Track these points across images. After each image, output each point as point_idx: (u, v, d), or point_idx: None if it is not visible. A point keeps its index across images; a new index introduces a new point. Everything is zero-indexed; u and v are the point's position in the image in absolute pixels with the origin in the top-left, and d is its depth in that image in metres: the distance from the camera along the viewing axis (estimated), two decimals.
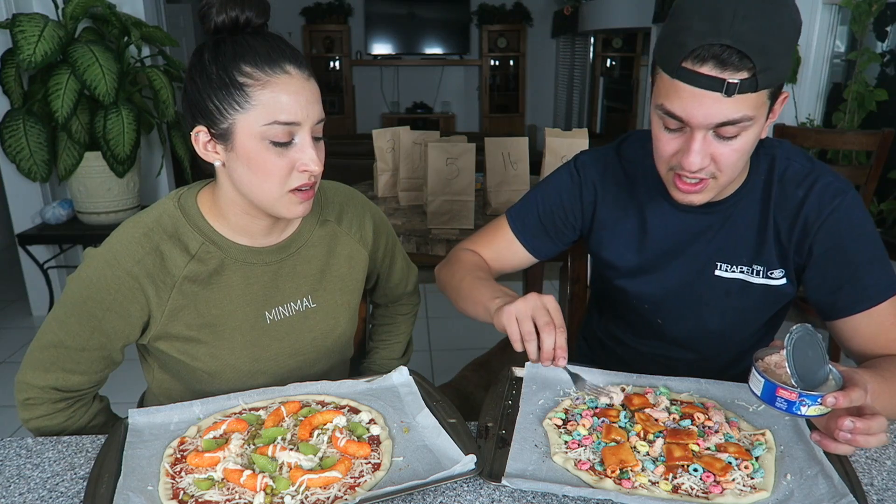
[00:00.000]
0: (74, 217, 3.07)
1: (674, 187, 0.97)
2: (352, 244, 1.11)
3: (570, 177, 1.16)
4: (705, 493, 0.78)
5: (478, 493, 0.80)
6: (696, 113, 0.86)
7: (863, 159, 3.00)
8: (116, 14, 2.89)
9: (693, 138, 0.89)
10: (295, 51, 0.90)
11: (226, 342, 1.00)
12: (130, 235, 0.95)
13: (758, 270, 1.05)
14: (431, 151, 1.91)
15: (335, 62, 7.61)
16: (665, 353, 1.20)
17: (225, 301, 0.99)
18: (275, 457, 0.82)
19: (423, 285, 1.41)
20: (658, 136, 0.94)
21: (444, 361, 2.87)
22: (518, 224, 1.19)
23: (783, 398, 0.77)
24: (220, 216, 0.99)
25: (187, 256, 0.96)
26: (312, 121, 0.90)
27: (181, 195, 1.00)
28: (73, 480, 0.83)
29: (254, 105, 0.86)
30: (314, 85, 0.91)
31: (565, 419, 0.93)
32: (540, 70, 7.86)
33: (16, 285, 3.49)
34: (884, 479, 0.83)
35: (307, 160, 0.89)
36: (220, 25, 0.87)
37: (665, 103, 0.89)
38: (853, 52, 3.11)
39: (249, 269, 1.00)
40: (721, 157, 0.90)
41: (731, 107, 0.84)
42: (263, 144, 0.88)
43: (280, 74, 0.86)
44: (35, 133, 2.78)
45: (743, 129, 0.88)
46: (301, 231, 1.06)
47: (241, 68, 0.86)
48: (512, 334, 0.89)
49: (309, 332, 1.07)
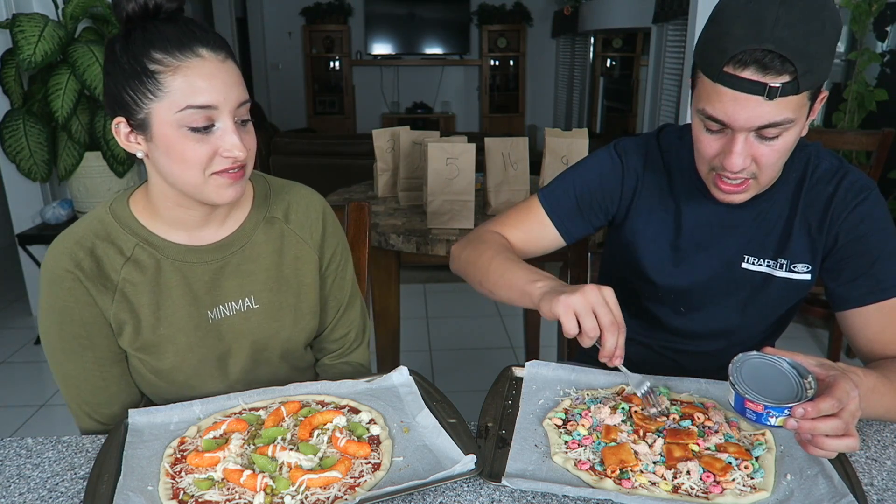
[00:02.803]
0: (74, 217, 3.07)
1: (715, 187, 0.99)
2: (300, 245, 1.06)
3: (610, 160, 1.14)
4: (705, 493, 0.78)
5: (478, 493, 0.80)
6: (738, 117, 0.87)
7: (863, 159, 3.00)
8: None
9: (735, 140, 0.90)
10: (210, 33, 0.87)
11: (170, 343, 0.98)
12: (63, 247, 0.94)
13: (782, 264, 1.07)
14: (431, 151, 1.91)
15: (335, 62, 7.61)
16: (673, 346, 1.20)
17: (167, 302, 0.97)
18: (275, 457, 0.82)
19: (422, 285, 1.40)
20: (699, 137, 0.95)
21: (444, 361, 2.88)
22: (552, 204, 1.15)
23: (751, 409, 0.76)
24: (155, 215, 0.97)
25: (122, 258, 0.95)
26: (232, 104, 0.86)
27: (112, 201, 0.99)
28: (73, 480, 0.83)
29: (167, 92, 0.84)
30: (231, 66, 0.88)
31: (565, 419, 0.93)
32: (540, 70, 7.86)
33: (16, 285, 3.49)
34: (884, 479, 0.83)
35: (229, 145, 0.87)
36: (130, 14, 0.85)
37: (707, 108, 0.90)
38: (853, 52, 3.11)
39: (188, 267, 0.98)
40: (762, 157, 0.91)
41: (772, 110, 0.86)
42: (181, 132, 0.85)
43: (191, 58, 0.84)
44: (35, 133, 2.79)
45: (784, 131, 0.89)
46: (244, 228, 1.02)
47: (151, 55, 0.84)
48: (568, 327, 0.86)
49: (250, 333, 1.03)
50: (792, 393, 0.77)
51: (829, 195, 1.03)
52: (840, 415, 0.73)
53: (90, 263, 0.93)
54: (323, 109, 7.66)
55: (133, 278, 0.95)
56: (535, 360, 1.06)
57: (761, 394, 0.76)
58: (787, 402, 0.75)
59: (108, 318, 0.95)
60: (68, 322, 0.94)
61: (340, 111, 7.67)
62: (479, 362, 2.86)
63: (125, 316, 0.96)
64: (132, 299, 0.96)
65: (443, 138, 2.07)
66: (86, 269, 0.93)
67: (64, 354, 0.96)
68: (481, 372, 2.68)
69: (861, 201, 1.01)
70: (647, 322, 1.21)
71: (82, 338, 0.94)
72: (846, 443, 0.74)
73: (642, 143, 1.14)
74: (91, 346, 0.95)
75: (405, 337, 2.30)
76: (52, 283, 0.93)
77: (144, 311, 0.96)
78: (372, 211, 2.10)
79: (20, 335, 3.11)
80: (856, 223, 1.01)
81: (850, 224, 1.02)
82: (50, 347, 0.96)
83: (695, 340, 1.18)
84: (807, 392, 0.76)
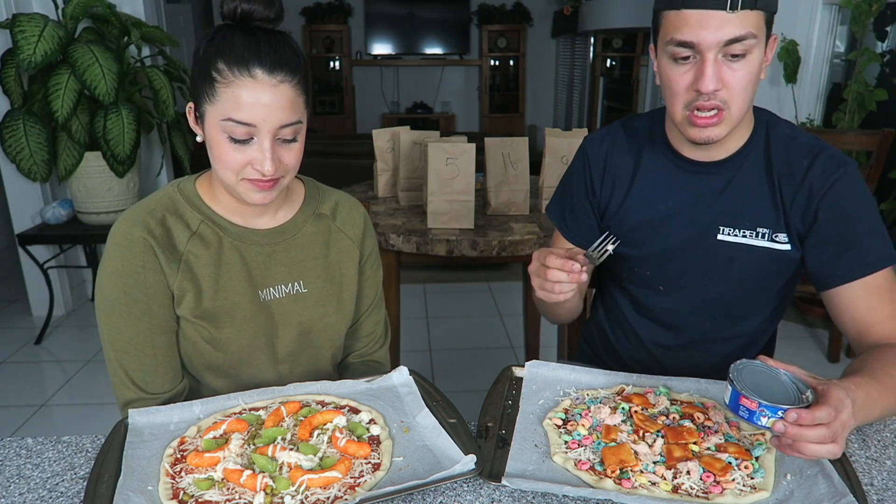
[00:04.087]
0: (74, 217, 3.07)
1: (692, 127, 1.01)
2: (344, 240, 1.15)
3: (580, 158, 1.22)
4: (705, 493, 0.78)
5: (478, 493, 0.80)
6: (705, 34, 0.94)
7: (863, 159, 3.00)
8: (116, 14, 2.89)
9: (705, 61, 0.96)
10: (273, 53, 0.91)
11: (227, 315, 1.04)
12: (136, 215, 1.01)
13: (762, 234, 1.08)
14: (431, 151, 1.91)
15: (335, 62, 7.60)
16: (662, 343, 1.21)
17: (225, 276, 1.04)
18: (275, 457, 0.82)
19: (422, 285, 1.41)
20: (671, 76, 1.00)
21: (444, 361, 2.88)
22: (564, 228, 1.25)
23: (745, 406, 0.77)
24: (217, 198, 1.06)
25: (189, 232, 1.03)
26: (273, 125, 0.92)
27: (181, 181, 1.08)
28: (73, 480, 0.84)
29: (218, 100, 0.92)
30: (285, 89, 0.92)
31: (565, 419, 0.93)
32: (540, 70, 7.86)
33: (16, 285, 3.49)
34: (884, 479, 0.83)
35: (260, 161, 0.94)
36: (225, 14, 0.93)
37: (676, 35, 0.97)
38: (853, 52, 3.11)
39: (245, 248, 1.06)
40: (731, 81, 0.97)
41: (736, 23, 0.93)
42: (223, 137, 0.93)
43: (244, 77, 0.90)
44: (35, 133, 2.78)
45: (748, 50, 0.95)
46: (296, 220, 1.11)
47: (215, 63, 0.91)
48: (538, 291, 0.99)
49: (298, 315, 1.10)
50: (788, 399, 0.77)
51: (805, 168, 1.05)
52: (830, 424, 0.73)
53: (161, 232, 1.01)
54: (323, 109, 7.66)
55: (197, 251, 1.03)
56: (535, 360, 1.06)
57: (758, 394, 0.76)
58: (783, 404, 0.75)
59: (171, 286, 1.01)
60: (132, 286, 0.99)
61: (340, 111, 7.67)
62: (479, 362, 2.86)
63: (187, 285, 1.02)
64: (195, 270, 1.02)
65: (443, 138, 2.07)
66: (157, 236, 1.00)
67: (120, 318, 1.00)
68: (481, 372, 2.69)
69: (840, 177, 1.03)
70: (638, 305, 1.21)
71: (141, 302, 0.99)
72: (828, 448, 0.74)
73: (606, 132, 1.21)
74: (148, 311, 1.00)
75: (405, 337, 2.30)
76: (122, 247, 0.99)
77: (206, 281, 1.03)
78: (372, 211, 2.10)
79: (20, 335, 3.11)
80: (836, 198, 1.03)
81: (830, 200, 1.03)
82: (106, 311, 1.00)
83: (683, 325, 1.18)
84: (802, 399, 0.77)
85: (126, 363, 1.01)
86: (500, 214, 2.09)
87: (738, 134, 1.06)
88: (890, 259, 1.02)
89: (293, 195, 1.13)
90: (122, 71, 2.79)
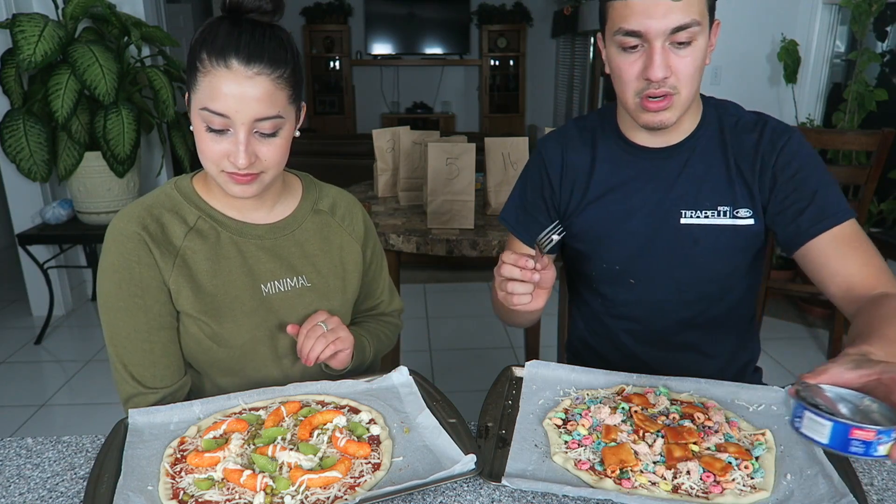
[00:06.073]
0: (74, 217, 3.08)
1: (644, 111, 1.04)
2: (344, 235, 1.17)
3: (535, 160, 1.24)
4: (705, 493, 0.78)
5: (478, 493, 0.80)
6: (651, 23, 0.97)
7: (863, 159, 3.00)
8: (116, 14, 2.89)
9: (653, 50, 0.98)
10: (253, 45, 0.91)
11: (228, 309, 1.04)
12: (132, 212, 1.02)
13: (723, 212, 1.11)
14: (431, 151, 1.91)
15: (335, 62, 7.61)
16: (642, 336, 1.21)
17: (224, 270, 1.05)
18: (275, 457, 0.82)
19: (422, 285, 1.42)
20: (620, 65, 1.03)
21: (444, 361, 2.88)
22: (507, 221, 1.28)
23: (859, 440, 0.67)
24: (213, 193, 1.07)
25: (186, 227, 1.04)
26: (248, 117, 0.92)
27: (178, 179, 1.09)
28: (73, 480, 0.84)
29: (198, 89, 0.93)
30: (262, 82, 0.92)
31: (565, 419, 0.93)
32: (540, 70, 7.86)
33: (16, 285, 3.49)
34: (884, 479, 0.83)
35: (234, 154, 0.94)
36: (225, 6, 0.94)
37: (623, 25, 0.99)
38: (853, 52, 3.11)
39: (243, 242, 1.07)
40: (679, 68, 1.00)
41: (680, 10, 0.96)
42: (202, 126, 0.95)
43: (221, 68, 0.91)
44: (35, 133, 2.79)
45: (693, 37, 0.98)
46: (295, 216, 1.12)
47: (199, 53, 0.92)
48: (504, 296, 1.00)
49: (303, 308, 1.10)
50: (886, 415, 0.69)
51: (755, 142, 1.10)
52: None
53: (156, 228, 1.02)
54: (323, 109, 7.66)
55: (194, 246, 1.04)
56: (535, 360, 1.06)
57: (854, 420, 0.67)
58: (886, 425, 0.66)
59: (167, 282, 1.01)
60: (127, 281, 0.99)
61: (340, 111, 7.67)
62: (479, 362, 2.86)
63: (184, 280, 1.02)
64: (192, 265, 1.03)
65: (443, 138, 2.07)
66: (152, 232, 1.01)
67: (118, 313, 1.01)
68: (481, 372, 2.69)
69: (787, 141, 1.08)
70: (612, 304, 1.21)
71: (137, 297, 1.00)
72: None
73: (559, 133, 1.24)
74: (144, 307, 1.00)
75: (405, 337, 2.30)
76: (117, 243, 1.00)
77: (203, 276, 1.03)
78: (372, 211, 2.10)
79: (20, 335, 3.11)
80: (788, 161, 1.08)
81: (781, 163, 1.08)
82: (106, 306, 1.01)
83: (662, 324, 1.18)
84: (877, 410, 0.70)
85: (125, 357, 1.01)
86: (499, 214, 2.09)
87: (688, 118, 1.10)
88: (849, 213, 1.05)
89: (290, 190, 1.13)
90: (122, 71, 2.79)
